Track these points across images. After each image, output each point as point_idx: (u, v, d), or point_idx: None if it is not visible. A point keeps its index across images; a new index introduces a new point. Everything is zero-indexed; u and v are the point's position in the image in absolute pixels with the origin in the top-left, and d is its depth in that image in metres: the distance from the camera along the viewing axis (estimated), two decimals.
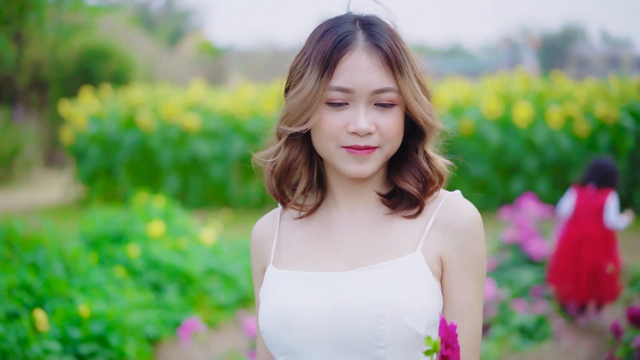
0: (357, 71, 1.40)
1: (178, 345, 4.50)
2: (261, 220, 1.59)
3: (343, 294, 1.41)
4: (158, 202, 6.06)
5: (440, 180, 1.51)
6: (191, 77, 16.36)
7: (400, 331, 1.37)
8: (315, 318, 1.40)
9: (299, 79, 1.44)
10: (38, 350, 3.23)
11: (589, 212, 4.69)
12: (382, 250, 1.45)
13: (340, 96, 1.41)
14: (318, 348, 1.41)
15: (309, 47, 1.45)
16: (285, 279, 1.46)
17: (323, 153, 1.45)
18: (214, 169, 9.34)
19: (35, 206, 9.74)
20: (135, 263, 4.80)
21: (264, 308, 1.45)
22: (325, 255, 1.48)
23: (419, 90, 1.45)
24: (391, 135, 1.43)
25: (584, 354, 4.27)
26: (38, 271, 4.26)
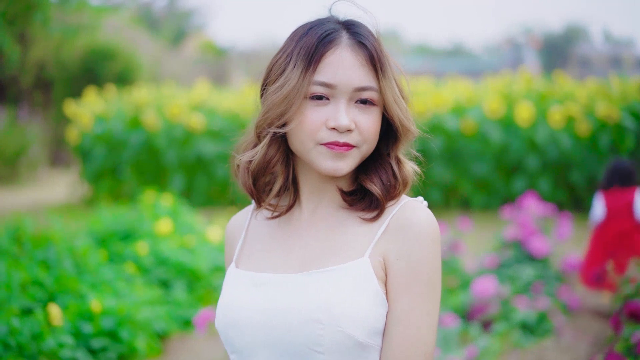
0: (341, 67, 1.40)
1: (186, 341, 4.59)
2: (234, 217, 1.60)
3: (287, 296, 1.40)
4: (166, 200, 6.16)
5: (404, 185, 1.48)
6: (194, 77, 16.41)
7: (339, 337, 1.35)
8: (258, 319, 1.40)
9: (280, 74, 1.43)
10: (52, 344, 3.32)
11: (620, 211, 4.97)
12: (332, 253, 1.43)
13: (322, 90, 1.40)
14: (263, 349, 1.41)
15: (290, 44, 1.45)
16: (237, 278, 1.48)
17: (300, 150, 1.43)
18: (219, 168, 9.42)
19: (41, 205, 9.81)
20: (144, 260, 4.89)
21: (218, 306, 1.47)
22: (281, 257, 1.47)
23: (398, 93, 1.45)
24: (369, 135, 1.42)
25: (585, 349, 4.33)
26: (49, 268, 4.35)
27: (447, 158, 8.60)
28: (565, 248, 6.16)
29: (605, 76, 10.55)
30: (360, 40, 1.43)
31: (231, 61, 22.29)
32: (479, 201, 8.73)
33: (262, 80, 1.49)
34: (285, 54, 1.44)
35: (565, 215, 5.88)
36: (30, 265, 4.24)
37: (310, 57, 1.40)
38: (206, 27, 32.45)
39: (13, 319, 3.30)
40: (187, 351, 4.42)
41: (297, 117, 1.41)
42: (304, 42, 1.42)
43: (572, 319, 4.77)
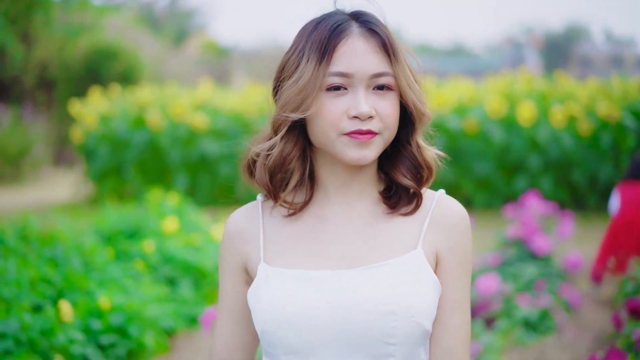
0: (355, 56, 1.40)
1: (192, 338, 4.64)
2: (237, 213, 1.55)
3: (352, 291, 1.40)
4: (171, 199, 6.22)
5: (430, 171, 1.52)
6: (196, 77, 16.45)
7: (411, 327, 1.39)
8: (321, 316, 1.39)
9: (294, 70, 1.43)
10: (63, 339, 3.37)
11: (632, 204, 5.03)
12: (382, 248, 1.45)
13: (339, 81, 1.40)
14: (328, 347, 1.40)
15: (301, 40, 1.45)
16: (285, 277, 1.43)
17: (323, 142, 1.43)
18: (222, 167, 9.47)
19: (45, 204, 9.86)
20: (151, 258, 4.94)
21: (264, 307, 1.42)
22: (319, 253, 1.46)
23: (411, 77, 1.45)
24: (390, 121, 1.43)
25: (586, 346, 4.37)
26: (57, 266, 4.40)
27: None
28: (567, 246, 6.21)
29: (606, 76, 10.59)
30: (371, 27, 1.43)
31: (233, 61, 22.33)
32: (481, 200, 8.78)
33: (275, 80, 1.49)
34: (297, 50, 1.44)
35: (567, 214, 5.92)
36: (38, 263, 4.30)
37: (323, 50, 1.40)
38: (208, 27, 32.50)
39: (25, 314, 3.36)
40: (193, 348, 4.48)
41: (314, 108, 1.41)
42: (315, 36, 1.42)
43: (574, 317, 4.81)
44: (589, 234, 7.23)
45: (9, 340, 3.20)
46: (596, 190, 8.68)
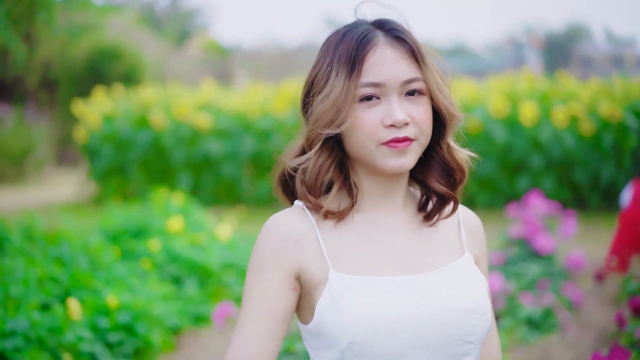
0: (385, 65, 1.41)
1: (198, 336, 4.67)
2: (287, 218, 1.47)
3: (438, 294, 1.43)
4: (177, 198, 6.25)
5: (462, 173, 1.53)
6: (198, 77, 16.48)
7: (485, 325, 1.45)
8: (417, 322, 1.40)
9: (324, 85, 1.43)
10: (71, 337, 3.40)
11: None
12: (434, 253, 1.49)
13: (371, 91, 1.41)
14: (417, 351, 1.40)
15: (327, 54, 1.45)
16: (373, 285, 1.41)
17: (360, 153, 1.43)
18: (225, 167, 9.50)
19: (48, 204, 9.90)
20: (156, 257, 4.97)
21: (355, 317, 1.38)
22: (384, 259, 1.46)
23: (440, 81, 1.47)
24: (425, 126, 1.44)
25: (589, 344, 4.40)
26: (63, 265, 4.44)
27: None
28: (570, 246, 6.24)
29: (607, 76, 10.61)
30: (397, 35, 1.44)
31: (234, 61, 22.35)
32: (483, 200, 8.81)
33: (304, 96, 1.49)
34: (325, 64, 1.44)
35: (570, 213, 5.95)
36: (44, 262, 4.34)
37: (352, 62, 1.41)
38: (209, 27, 32.52)
39: (34, 313, 3.39)
40: (199, 346, 4.51)
41: (349, 121, 1.40)
42: (342, 49, 1.43)
43: (577, 315, 4.84)
44: (590, 233, 7.26)
45: (18, 337, 3.24)
46: (598, 189, 8.71)
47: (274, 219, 1.47)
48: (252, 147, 9.39)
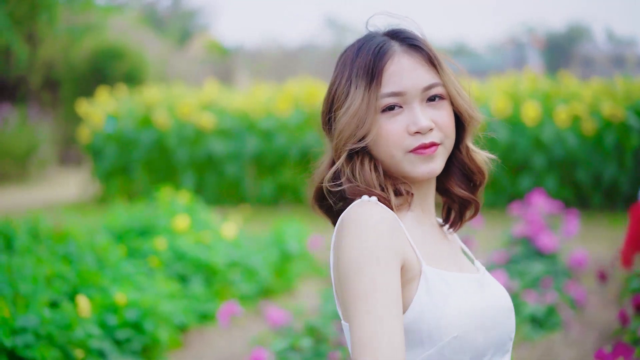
0: (404, 73, 1.43)
1: (204, 334, 4.71)
2: (380, 207, 1.41)
3: (499, 292, 1.49)
4: (182, 197, 6.29)
5: (482, 175, 1.55)
6: (200, 77, 16.50)
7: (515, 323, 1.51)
8: (497, 318, 1.44)
9: (344, 99, 1.44)
10: (81, 334, 3.44)
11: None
12: (463, 257, 1.56)
13: (393, 100, 1.43)
14: (493, 347, 1.43)
15: (344, 69, 1.46)
16: (463, 281, 1.44)
17: (390, 163, 1.45)
18: (229, 166, 9.53)
19: (52, 203, 9.93)
20: (163, 255, 5.01)
21: (461, 312, 1.37)
22: (447, 257, 1.49)
23: (457, 84, 1.49)
24: (449, 130, 1.46)
25: (592, 342, 4.43)
26: (70, 263, 4.48)
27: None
28: (573, 244, 6.27)
29: (608, 76, 10.62)
30: (412, 43, 1.46)
31: (236, 61, 22.38)
32: (486, 199, 8.82)
33: (324, 113, 1.51)
34: (344, 79, 1.45)
35: (572, 212, 5.98)
36: (51, 261, 4.37)
37: (371, 74, 1.42)
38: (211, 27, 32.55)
39: (44, 310, 3.42)
40: (205, 344, 4.55)
41: (372, 132, 1.42)
42: (360, 62, 1.44)
43: (580, 313, 4.87)
44: (593, 232, 7.29)
45: (28, 334, 3.27)
46: (600, 189, 8.73)
47: (368, 208, 1.38)
48: (256, 146, 9.42)
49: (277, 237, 6.09)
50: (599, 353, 2.67)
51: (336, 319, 3.84)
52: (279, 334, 3.58)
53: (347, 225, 1.36)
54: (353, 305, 1.30)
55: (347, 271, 1.32)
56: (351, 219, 1.36)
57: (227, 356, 4.35)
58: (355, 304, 1.30)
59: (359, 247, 1.33)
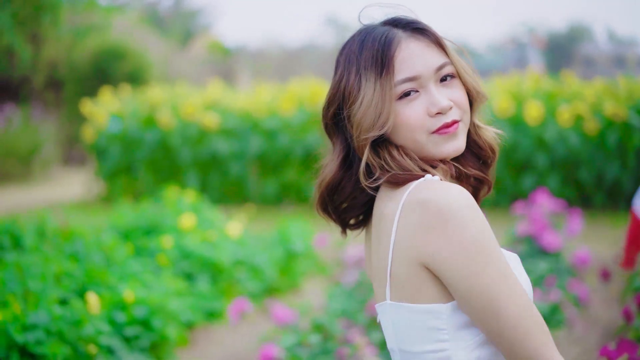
0: (414, 58, 1.43)
1: (211, 331, 4.75)
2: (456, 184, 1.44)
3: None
4: (188, 196, 6.33)
5: (493, 153, 1.56)
6: (202, 77, 16.54)
7: None
8: None
9: (357, 93, 1.44)
10: (91, 331, 3.47)
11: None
12: None
13: (409, 86, 1.43)
14: None
15: (350, 66, 1.46)
16: (511, 258, 1.49)
17: (412, 147, 1.46)
18: (232, 166, 9.56)
19: (56, 203, 9.97)
20: (169, 254, 5.04)
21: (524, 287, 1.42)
22: None
23: (463, 62, 1.50)
24: (465, 105, 1.48)
25: (596, 340, 4.47)
26: (78, 261, 4.51)
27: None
28: (576, 243, 6.30)
29: (609, 76, 10.65)
30: (415, 27, 1.48)
31: (238, 61, 22.41)
32: (488, 198, 8.84)
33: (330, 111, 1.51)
34: (352, 74, 1.46)
35: (575, 211, 6.01)
36: (59, 259, 4.41)
37: (381, 63, 1.42)
38: (212, 27, 32.57)
39: (55, 307, 3.46)
40: (212, 341, 4.58)
41: (390, 121, 1.43)
42: (367, 54, 1.44)
43: (583, 311, 4.90)
44: (595, 231, 7.32)
45: (39, 331, 3.30)
46: (602, 188, 8.76)
47: (458, 189, 1.39)
48: (259, 146, 9.46)
49: (282, 236, 6.13)
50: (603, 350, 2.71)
51: (342, 317, 3.87)
52: (285, 332, 3.61)
53: (443, 208, 1.35)
54: (494, 284, 1.33)
55: (470, 253, 1.34)
56: (445, 200, 1.36)
57: (233, 353, 4.38)
58: (498, 283, 1.33)
59: (475, 231, 1.34)
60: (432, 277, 1.38)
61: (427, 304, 1.39)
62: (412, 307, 1.40)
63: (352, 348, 3.22)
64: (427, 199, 1.36)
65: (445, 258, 1.34)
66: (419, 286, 1.39)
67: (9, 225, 4.80)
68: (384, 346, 3.41)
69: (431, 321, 1.39)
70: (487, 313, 1.34)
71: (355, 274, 4.72)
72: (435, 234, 1.35)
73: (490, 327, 1.35)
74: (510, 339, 1.35)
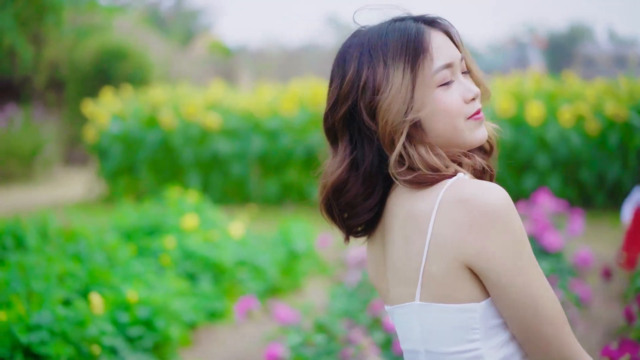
0: (445, 46, 1.45)
1: (213, 331, 4.76)
2: None
3: None
4: (190, 197, 6.34)
5: (492, 145, 1.56)
6: (204, 77, 16.54)
7: None
8: None
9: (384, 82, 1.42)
10: (94, 331, 3.49)
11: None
12: None
13: (448, 72, 1.44)
14: None
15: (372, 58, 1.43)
16: None
17: (450, 134, 1.45)
18: (234, 166, 9.58)
19: (58, 203, 9.98)
20: (172, 254, 5.05)
21: None
22: None
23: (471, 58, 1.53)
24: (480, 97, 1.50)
25: (597, 340, 4.48)
26: (80, 261, 4.52)
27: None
28: (577, 243, 6.31)
29: (610, 76, 10.65)
30: (434, 20, 1.50)
31: (239, 61, 22.42)
32: None
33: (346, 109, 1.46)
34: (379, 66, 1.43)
35: (577, 211, 6.02)
36: (62, 259, 4.42)
37: (414, 51, 1.42)
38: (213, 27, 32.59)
39: (58, 307, 3.47)
40: (215, 341, 4.59)
41: (427, 107, 1.43)
42: (393, 45, 1.43)
43: (585, 311, 4.91)
44: (596, 231, 7.33)
45: (43, 331, 3.32)
46: (604, 188, 8.78)
47: (499, 187, 1.39)
48: (261, 146, 9.47)
49: (284, 236, 6.14)
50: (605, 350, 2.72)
51: (345, 317, 3.88)
52: (288, 332, 3.62)
53: (489, 207, 1.35)
54: (534, 281, 1.35)
55: (515, 251, 1.35)
56: (490, 199, 1.36)
57: (236, 353, 4.40)
58: (537, 279, 1.35)
59: (515, 224, 1.36)
60: (470, 276, 1.38)
61: (462, 303, 1.39)
62: (446, 307, 1.39)
63: (357, 348, 3.23)
64: (471, 197, 1.36)
65: (492, 256, 1.34)
66: (455, 285, 1.38)
67: (12, 225, 4.81)
68: (386, 346, 3.42)
69: (465, 320, 1.39)
70: (527, 309, 1.35)
71: (358, 274, 4.73)
72: (482, 232, 1.34)
73: (527, 323, 1.36)
74: (547, 335, 1.36)
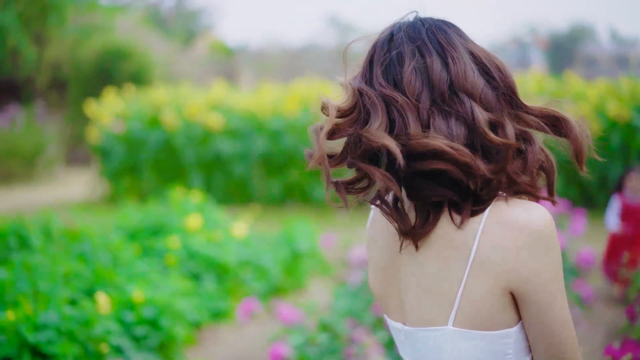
0: None
1: (217, 331, 4.78)
2: None
3: None
4: (194, 197, 6.36)
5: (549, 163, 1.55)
6: (205, 77, 16.55)
7: None
8: None
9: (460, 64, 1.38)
10: (100, 330, 3.51)
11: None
12: None
13: None
14: None
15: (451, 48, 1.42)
16: None
17: None
18: (237, 166, 9.60)
19: (60, 203, 10.00)
20: (175, 254, 5.07)
21: None
22: None
23: None
24: None
25: (599, 340, 4.49)
26: (85, 261, 4.54)
27: None
28: (580, 243, 6.32)
29: (611, 76, 10.66)
30: None
31: (240, 61, 22.43)
32: None
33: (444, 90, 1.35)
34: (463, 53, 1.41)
35: (579, 211, 6.03)
36: (67, 259, 4.44)
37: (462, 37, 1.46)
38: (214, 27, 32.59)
39: (65, 307, 3.49)
40: (219, 341, 4.61)
41: None
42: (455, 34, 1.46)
43: (587, 311, 4.93)
44: (598, 231, 7.33)
45: (50, 330, 3.34)
46: (605, 189, 8.79)
47: (544, 209, 1.37)
48: (263, 146, 9.49)
49: (287, 236, 6.15)
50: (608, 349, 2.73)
51: (348, 316, 3.90)
52: (292, 331, 3.64)
53: (543, 230, 1.33)
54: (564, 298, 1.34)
55: (559, 273, 1.34)
56: (542, 222, 1.33)
57: (240, 352, 4.42)
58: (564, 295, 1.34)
59: (558, 246, 1.35)
60: (510, 301, 1.34)
61: (500, 329, 1.35)
62: (485, 335, 1.35)
63: (360, 347, 3.25)
64: (524, 220, 1.33)
65: (540, 279, 1.32)
66: (494, 310, 1.34)
67: (16, 225, 4.83)
68: (390, 345, 3.44)
69: (501, 346, 1.36)
70: (558, 327, 1.33)
71: (361, 274, 4.75)
72: (533, 255, 1.31)
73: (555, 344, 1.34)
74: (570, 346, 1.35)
